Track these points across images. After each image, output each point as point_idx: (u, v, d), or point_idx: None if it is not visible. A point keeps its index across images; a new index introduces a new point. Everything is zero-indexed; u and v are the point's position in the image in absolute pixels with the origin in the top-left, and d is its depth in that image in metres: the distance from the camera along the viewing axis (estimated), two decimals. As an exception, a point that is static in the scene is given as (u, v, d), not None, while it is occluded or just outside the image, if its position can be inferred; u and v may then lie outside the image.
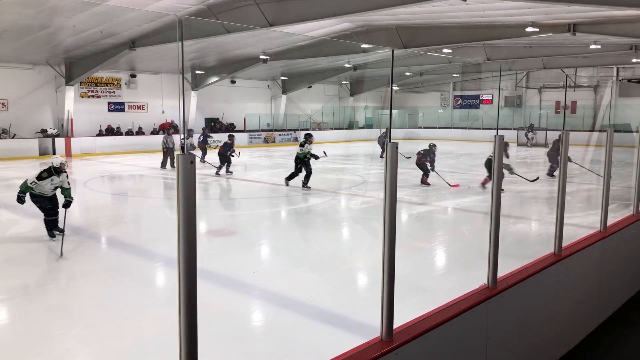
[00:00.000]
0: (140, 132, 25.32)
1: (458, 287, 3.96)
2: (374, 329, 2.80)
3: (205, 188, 13.53)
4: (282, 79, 31.55)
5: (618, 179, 11.71)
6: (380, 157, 20.59)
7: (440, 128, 35.08)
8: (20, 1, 13.05)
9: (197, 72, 26.28)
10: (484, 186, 12.26)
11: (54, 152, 21.51)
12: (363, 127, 36.70)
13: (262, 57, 22.96)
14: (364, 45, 19.80)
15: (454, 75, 35.36)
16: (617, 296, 5.43)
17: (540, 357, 4.08)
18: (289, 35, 19.28)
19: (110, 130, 24.41)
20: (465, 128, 34.37)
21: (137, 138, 24.43)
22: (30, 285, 5.92)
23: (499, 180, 3.59)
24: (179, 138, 16.89)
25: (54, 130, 22.25)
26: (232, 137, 15.93)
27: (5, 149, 20.28)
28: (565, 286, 4.33)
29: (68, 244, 7.12)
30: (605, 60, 25.93)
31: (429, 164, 12.88)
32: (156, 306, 5.27)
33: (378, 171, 17.01)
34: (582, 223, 8.21)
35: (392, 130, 31.31)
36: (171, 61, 23.97)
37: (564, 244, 4.31)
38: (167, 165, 17.03)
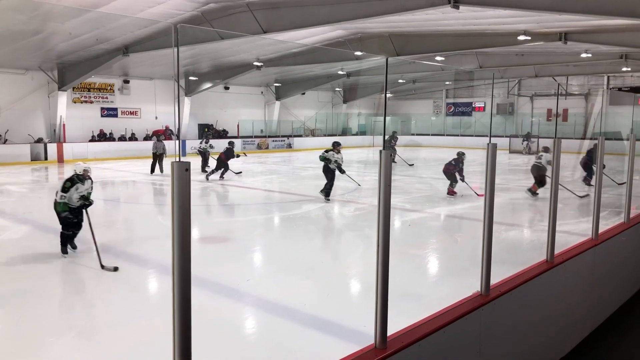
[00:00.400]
0: (133, 137, 25.24)
1: (451, 294, 3.97)
2: (367, 336, 2.80)
3: (197, 194, 13.49)
4: (275, 86, 31.60)
5: (609, 186, 11.79)
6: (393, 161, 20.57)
7: (432, 135, 35.22)
8: (12, 6, 13.00)
9: (191, 78, 26.27)
10: (533, 193, 11.99)
11: (45, 157, 21.39)
12: (356, 134, 36.79)
13: (255, 63, 23.00)
14: (357, 53, 19.89)
15: (447, 83, 35.58)
16: (609, 303, 5.46)
17: (533, 364, 4.09)
18: (283, 43, 19.33)
19: (103, 136, 24.31)
20: (457, 135, 34.53)
21: (129, 144, 24.35)
22: (21, 291, 5.86)
23: (491, 188, 3.61)
24: (175, 144, 16.89)
25: (47, 140, 22.13)
26: (233, 143, 16.24)
27: (-5, 154, 20.15)
28: (557, 293, 4.35)
29: (58, 250, 7.05)
30: (596, 68, 26.21)
31: (458, 174, 12.33)
32: (148, 313, 5.24)
33: (371, 177, 17.03)
34: (574, 230, 8.26)
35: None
36: (164, 67, 23.94)
37: (556, 251, 4.33)
38: (156, 169, 17.15)
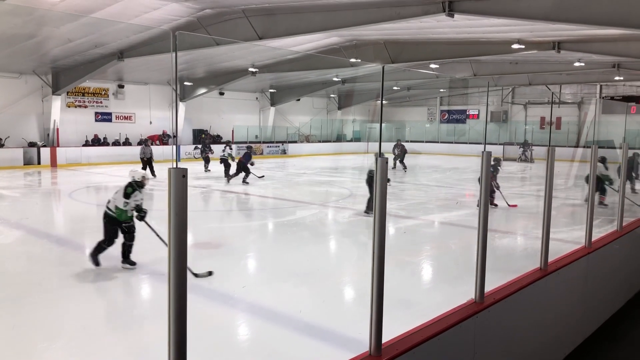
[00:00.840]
0: (127, 142, 25.16)
1: (445, 302, 3.97)
2: (362, 343, 2.80)
3: (191, 200, 13.44)
4: (270, 92, 31.64)
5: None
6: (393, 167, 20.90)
7: (427, 142, 35.36)
8: (7, 10, 12.97)
9: (186, 83, 26.26)
10: (602, 204, 11.33)
11: (39, 162, 21.27)
12: (351, 140, 36.89)
13: (251, 69, 23.03)
14: (353, 60, 19.98)
15: (441, 90, 35.76)
16: (602, 311, 5.49)
17: (527, 371, 4.10)
18: (278, 49, 19.39)
19: (97, 141, 24.23)
20: (451, 142, 34.69)
21: (123, 148, 24.26)
22: (13, 297, 5.82)
23: (486, 195, 3.63)
24: (172, 149, 17.11)
25: (40, 144, 22.02)
26: (251, 147, 16.43)
27: (-12, 158, 20.02)
28: (551, 301, 4.37)
29: (53, 256, 7.01)
30: (589, 77, 26.44)
31: (493, 182, 11.51)
32: (141, 318, 5.21)
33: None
34: (567, 238, 8.30)
35: (384, 144, 31.46)
36: (159, 72, 23.94)
37: (550, 259, 4.35)
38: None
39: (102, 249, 6.54)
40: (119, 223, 6.46)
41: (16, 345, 4.50)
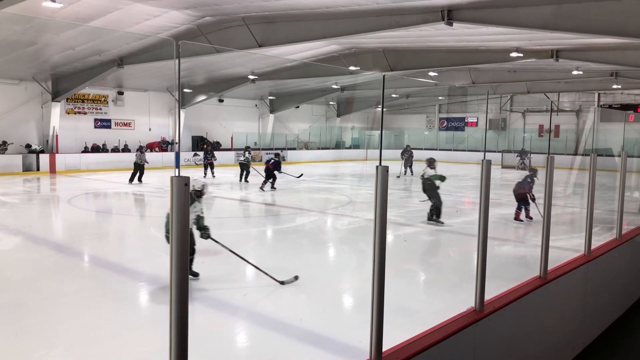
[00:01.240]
0: (126, 149, 25.16)
1: (444, 309, 3.97)
2: (362, 352, 2.80)
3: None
4: (270, 99, 31.72)
5: (600, 202, 11.85)
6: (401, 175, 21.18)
7: (425, 149, 35.38)
8: (7, 17, 13.02)
9: (186, 90, 26.31)
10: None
11: (37, 168, 21.25)
12: (350, 148, 36.93)
13: (250, 77, 23.10)
14: (352, 68, 20.07)
15: (440, 98, 35.86)
16: (601, 319, 5.48)
17: (527, 380, 4.09)
18: (278, 56, 19.45)
19: (96, 149, 24.23)
20: (450, 150, 34.74)
21: (122, 155, 24.25)
22: (12, 303, 5.80)
23: (486, 204, 3.64)
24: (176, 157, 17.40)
25: (37, 147, 22.01)
26: (279, 154, 16.50)
27: (-13, 164, 20.01)
28: (550, 309, 4.37)
29: (52, 263, 7.00)
30: (587, 85, 26.56)
31: (530, 194, 10.89)
32: (139, 326, 5.20)
33: (365, 191, 17.08)
34: (566, 246, 8.31)
35: (384, 151, 31.59)
36: (159, 79, 24.00)
37: (549, 267, 4.35)
38: (134, 180, 17.86)
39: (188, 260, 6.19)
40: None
41: (14, 352, 4.48)
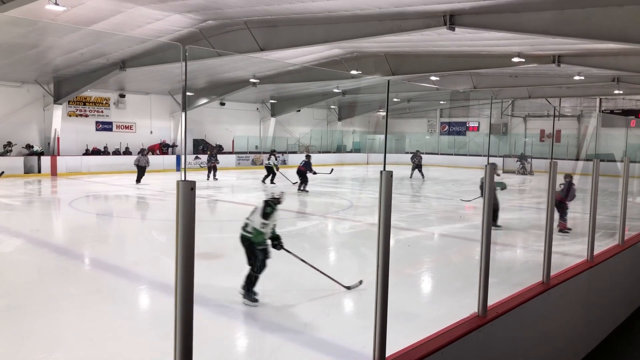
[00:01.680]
0: (127, 152, 25.18)
1: (447, 315, 3.96)
2: (366, 357, 2.79)
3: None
4: (271, 102, 31.75)
5: (602, 208, 11.85)
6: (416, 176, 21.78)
7: (427, 154, 35.40)
8: (10, 20, 13.06)
9: (187, 93, 26.35)
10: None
11: (39, 170, 21.27)
12: (351, 151, 36.94)
13: (252, 80, 23.13)
14: (353, 72, 20.11)
15: (441, 102, 35.88)
16: (604, 325, 5.47)
17: (530, 386, 4.08)
18: (280, 60, 19.49)
19: (97, 152, 24.25)
20: (451, 154, 34.74)
21: (124, 158, 24.25)
22: (12, 306, 5.80)
23: (489, 209, 3.63)
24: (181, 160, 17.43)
25: (38, 148, 22.03)
26: (310, 157, 16.76)
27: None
28: (553, 315, 4.36)
29: (53, 265, 6.99)
30: (589, 91, 26.57)
31: (564, 203, 10.10)
32: (141, 330, 5.18)
33: (367, 195, 17.07)
34: (569, 251, 8.29)
35: (389, 155, 31.62)
36: (161, 82, 24.03)
37: (552, 272, 4.34)
38: (141, 181, 18.56)
39: (254, 279, 5.70)
40: (254, 245, 5.67)
41: (16, 354, 4.47)
